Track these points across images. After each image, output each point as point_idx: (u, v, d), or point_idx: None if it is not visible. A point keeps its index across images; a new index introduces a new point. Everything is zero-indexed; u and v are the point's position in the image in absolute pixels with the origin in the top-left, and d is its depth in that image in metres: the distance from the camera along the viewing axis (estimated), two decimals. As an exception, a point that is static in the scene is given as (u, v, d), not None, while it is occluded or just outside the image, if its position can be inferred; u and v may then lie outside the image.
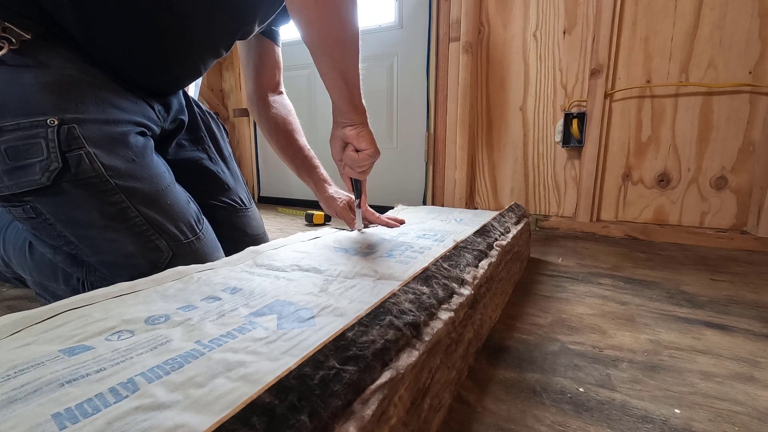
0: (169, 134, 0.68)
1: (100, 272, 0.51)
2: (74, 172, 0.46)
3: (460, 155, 1.37)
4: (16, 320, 0.30)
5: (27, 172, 0.44)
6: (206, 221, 0.60)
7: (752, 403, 0.39)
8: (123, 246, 0.49)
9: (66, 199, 0.47)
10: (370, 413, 0.22)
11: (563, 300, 0.66)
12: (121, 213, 0.48)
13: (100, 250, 0.49)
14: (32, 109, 0.44)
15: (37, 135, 0.44)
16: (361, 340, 0.27)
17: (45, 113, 0.45)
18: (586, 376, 0.44)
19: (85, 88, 0.49)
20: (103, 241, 0.49)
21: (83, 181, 0.46)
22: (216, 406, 0.21)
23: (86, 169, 0.46)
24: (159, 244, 0.51)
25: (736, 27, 1.00)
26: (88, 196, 0.47)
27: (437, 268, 0.44)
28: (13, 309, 0.61)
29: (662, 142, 1.12)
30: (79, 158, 0.46)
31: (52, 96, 0.45)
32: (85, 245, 0.49)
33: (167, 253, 0.51)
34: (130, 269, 0.49)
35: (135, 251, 0.49)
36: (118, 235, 0.49)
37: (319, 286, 0.39)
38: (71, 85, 0.48)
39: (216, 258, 0.57)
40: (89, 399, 0.21)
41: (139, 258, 0.50)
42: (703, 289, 0.71)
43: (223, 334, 0.29)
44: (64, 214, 0.48)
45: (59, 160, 0.45)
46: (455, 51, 1.31)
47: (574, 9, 1.17)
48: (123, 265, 0.50)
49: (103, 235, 0.48)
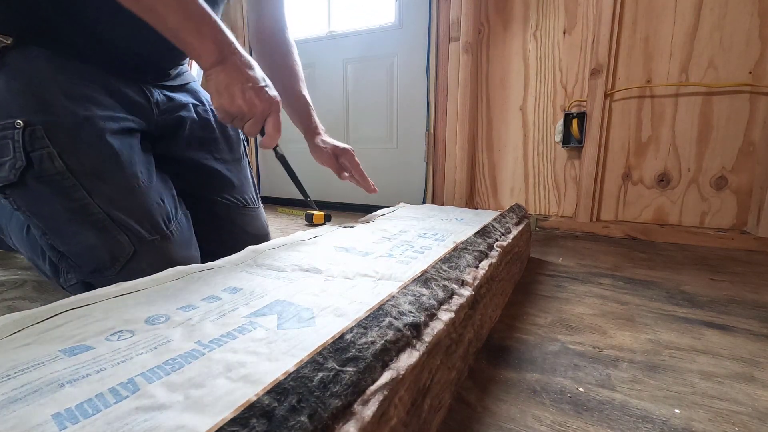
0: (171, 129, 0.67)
1: (71, 260, 0.54)
2: (37, 169, 0.49)
3: (460, 155, 1.37)
4: (16, 320, 0.30)
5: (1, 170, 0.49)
6: (183, 222, 0.61)
7: (752, 403, 0.39)
8: (86, 238, 0.52)
9: (32, 194, 0.50)
10: (371, 414, 0.22)
11: (563, 300, 0.66)
12: (83, 208, 0.51)
13: (66, 240, 0.53)
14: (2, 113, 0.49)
15: (6, 136, 0.48)
16: (361, 341, 0.27)
17: (12, 116, 0.48)
18: (586, 376, 0.44)
19: (57, 89, 0.51)
20: (68, 233, 0.52)
21: (46, 178, 0.50)
22: (216, 407, 0.21)
23: (48, 167, 0.49)
24: (121, 239, 0.53)
25: (736, 27, 1.00)
26: (51, 192, 0.50)
27: (437, 269, 0.44)
28: (13, 309, 0.61)
29: (662, 142, 1.12)
30: (41, 157, 0.49)
31: (20, 99, 0.49)
32: (53, 235, 0.53)
33: (129, 248, 0.53)
34: (93, 260, 0.52)
35: (97, 244, 0.52)
36: (81, 228, 0.52)
37: (319, 286, 0.39)
38: (42, 88, 0.50)
39: (187, 257, 0.59)
40: (89, 399, 0.21)
41: (101, 250, 0.52)
42: (703, 289, 0.71)
43: (224, 335, 0.29)
44: (34, 208, 0.51)
45: (23, 159, 0.48)
46: (455, 51, 1.31)
47: (574, 9, 1.17)
48: (87, 256, 0.53)
49: (68, 228, 0.52)
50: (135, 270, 0.53)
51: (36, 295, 0.67)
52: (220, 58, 0.50)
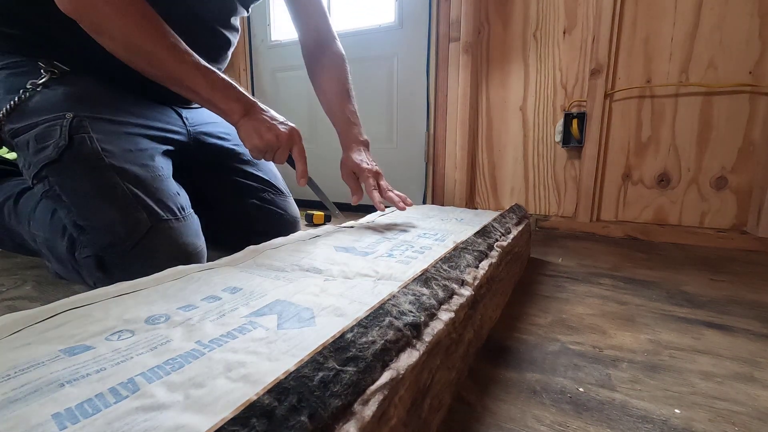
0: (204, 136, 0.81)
1: (89, 236, 0.59)
2: (76, 149, 0.58)
3: (460, 155, 1.37)
4: (16, 320, 0.30)
5: (45, 151, 0.58)
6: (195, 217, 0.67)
7: (752, 403, 0.39)
8: (107, 214, 0.58)
9: (67, 171, 0.58)
10: (371, 414, 0.22)
11: (563, 300, 0.66)
12: (109, 187, 0.58)
13: (89, 215, 0.58)
14: (57, 109, 0.60)
15: (56, 124, 0.59)
16: (361, 341, 0.27)
17: (65, 111, 0.60)
18: (586, 376, 0.44)
19: (103, 99, 0.64)
20: (93, 208, 0.58)
21: (81, 157, 0.58)
22: (216, 407, 0.21)
23: (85, 148, 0.58)
24: (139, 216, 0.59)
25: (736, 27, 1.00)
26: (83, 169, 0.58)
27: (437, 269, 0.44)
28: (13, 309, 0.61)
29: (662, 142, 1.12)
30: (82, 139, 0.58)
31: (72, 101, 0.61)
32: (79, 210, 0.59)
33: (145, 226, 0.59)
34: (110, 234, 0.58)
35: (117, 219, 0.58)
36: (104, 203, 0.58)
37: (319, 285, 0.39)
38: (90, 96, 0.63)
39: (196, 244, 0.65)
40: (89, 399, 0.21)
41: (120, 225, 0.58)
42: (703, 289, 0.71)
43: (224, 334, 0.29)
44: (66, 184, 0.59)
45: (66, 140, 0.58)
46: (455, 51, 1.31)
47: (574, 9, 1.17)
48: (106, 230, 0.58)
49: (94, 202, 0.58)
50: (148, 247, 0.59)
51: (36, 295, 0.67)
52: (244, 112, 0.62)
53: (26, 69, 0.64)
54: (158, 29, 0.57)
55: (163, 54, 0.57)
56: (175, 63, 0.58)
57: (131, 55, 0.58)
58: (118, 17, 0.54)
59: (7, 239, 0.76)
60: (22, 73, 0.63)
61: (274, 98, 1.79)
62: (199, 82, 0.59)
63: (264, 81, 1.80)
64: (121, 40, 0.56)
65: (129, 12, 0.55)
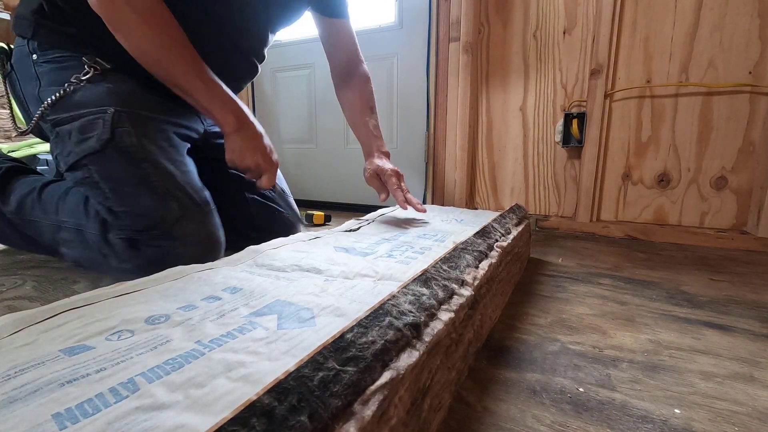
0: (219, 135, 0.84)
1: (124, 221, 0.64)
2: (117, 141, 0.63)
3: (460, 155, 1.37)
4: (16, 320, 0.30)
5: (88, 141, 0.63)
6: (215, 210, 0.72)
7: (752, 403, 0.39)
8: (144, 201, 0.63)
9: (109, 161, 0.63)
10: (370, 414, 0.22)
11: (563, 300, 0.66)
12: (146, 177, 0.64)
13: (127, 202, 0.64)
14: (100, 104, 0.64)
15: (99, 118, 0.64)
16: (361, 341, 0.27)
17: (106, 106, 0.64)
18: (586, 376, 0.44)
19: (140, 97, 0.69)
20: (130, 195, 0.63)
21: (123, 149, 0.63)
22: (216, 407, 0.21)
23: (126, 141, 0.64)
24: (171, 204, 0.64)
25: (736, 27, 1.00)
26: (124, 160, 0.63)
27: (437, 269, 0.44)
28: (13, 309, 0.61)
29: (662, 142, 1.12)
30: (123, 133, 0.64)
31: (114, 97, 0.65)
32: (116, 197, 0.64)
33: (177, 213, 0.64)
34: (145, 219, 0.63)
35: (152, 206, 0.63)
36: (141, 191, 0.63)
37: (319, 286, 0.39)
38: (129, 93, 0.68)
39: (218, 236, 0.70)
40: (89, 399, 0.21)
41: (155, 212, 0.63)
42: (703, 289, 0.71)
43: (224, 334, 0.29)
44: (106, 173, 0.64)
45: (109, 133, 0.63)
46: (455, 51, 1.31)
47: (574, 9, 1.17)
48: (142, 215, 0.63)
49: (131, 190, 0.63)
50: (179, 233, 0.65)
51: (36, 295, 0.67)
52: (237, 126, 0.66)
53: (70, 64, 0.67)
54: (172, 36, 0.61)
55: (171, 60, 0.62)
56: (182, 70, 0.63)
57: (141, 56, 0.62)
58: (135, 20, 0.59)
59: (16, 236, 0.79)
60: (66, 68, 0.67)
61: (274, 98, 1.79)
62: (200, 90, 0.64)
63: (264, 81, 1.80)
64: (135, 42, 0.60)
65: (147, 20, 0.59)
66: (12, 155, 1.12)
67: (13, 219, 0.76)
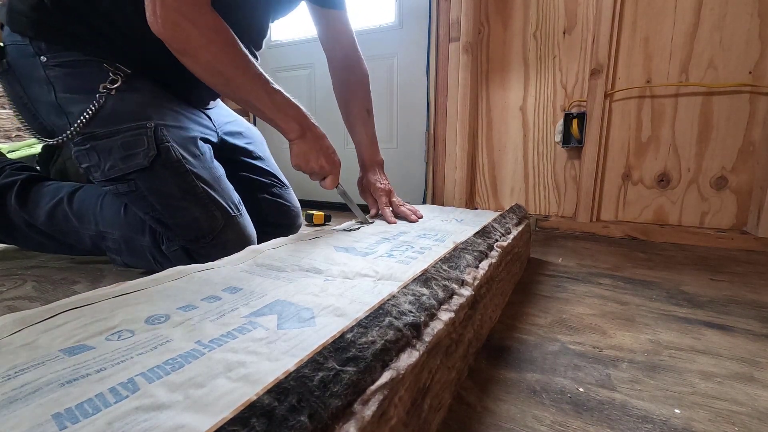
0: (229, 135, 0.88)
1: (175, 232, 0.69)
2: (164, 157, 0.66)
3: (460, 155, 1.37)
4: (16, 320, 0.30)
5: (135, 158, 0.65)
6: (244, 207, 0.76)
7: (752, 403, 0.39)
8: (192, 213, 0.67)
9: (157, 177, 0.66)
10: (371, 414, 0.22)
11: (563, 300, 0.66)
12: (191, 189, 0.67)
13: (176, 215, 0.67)
14: (138, 117, 0.66)
15: (141, 134, 0.65)
16: (361, 341, 0.27)
17: (145, 119, 0.66)
18: (586, 376, 0.44)
19: (166, 105, 0.71)
20: (178, 209, 0.67)
21: (169, 165, 0.66)
22: (216, 407, 0.21)
23: (171, 157, 0.66)
24: (215, 213, 0.69)
25: (736, 27, 1.00)
26: (171, 175, 0.66)
27: (437, 269, 0.44)
28: (13, 309, 0.61)
29: (662, 142, 1.12)
30: (167, 149, 0.66)
31: (148, 109, 0.67)
32: (166, 211, 0.67)
33: (221, 221, 0.69)
34: (195, 230, 0.68)
35: (200, 217, 0.68)
36: (188, 204, 0.67)
37: (319, 285, 0.39)
38: (158, 104, 0.70)
39: (253, 234, 0.75)
40: (89, 399, 0.21)
41: (202, 222, 0.68)
42: (703, 289, 0.71)
43: (224, 334, 0.29)
44: (155, 188, 0.67)
45: (156, 149, 0.65)
46: (455, 51, 1.31)
47: (574, 9, 1.17)
48: (191, 227, 0.68)
49: (179, 203, 0.67)
50: (223, 240, 0.69)
51: (36, 295, 0.67)
52: (301, 133, 0.66)
53: (87, 70, 0.66)
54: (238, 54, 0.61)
55: (240, 78, 0.62)
56: (250, 86, 0.62)
57: (211, 76, 0.61)
58: (204, 43, 0.58)
59: (53, 243, 0.81)
60: (83, 74, 0.67)
61: (274, 98, 1.79)
62: (266, 103, 0.64)
63: (264, 81, 1.80)
64: (204, 63, 0.59)
65: (213, 39, 0.58)
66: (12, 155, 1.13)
67: (46, 230, 0.78)
